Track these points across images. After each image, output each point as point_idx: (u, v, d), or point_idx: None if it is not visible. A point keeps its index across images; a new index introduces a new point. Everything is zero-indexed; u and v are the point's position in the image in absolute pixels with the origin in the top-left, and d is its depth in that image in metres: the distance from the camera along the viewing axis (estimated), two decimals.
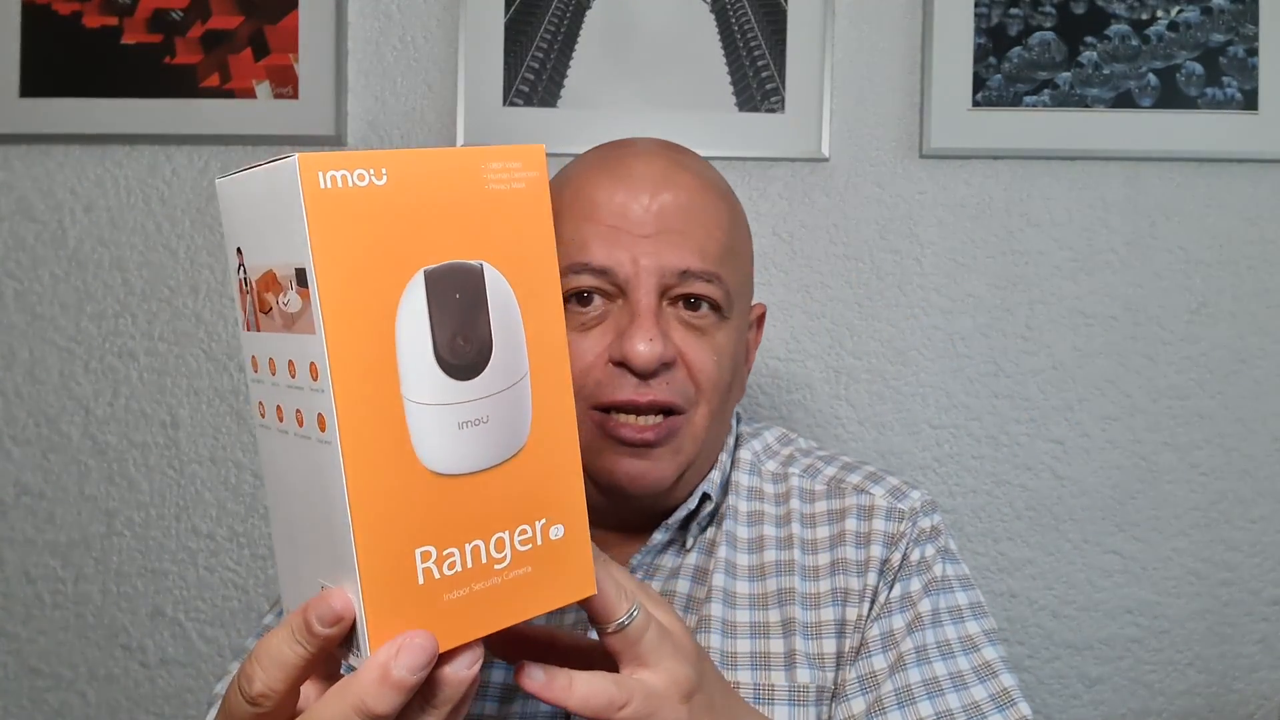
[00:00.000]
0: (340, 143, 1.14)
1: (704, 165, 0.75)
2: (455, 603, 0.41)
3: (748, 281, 0.75)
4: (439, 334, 0.40)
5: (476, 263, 0.41)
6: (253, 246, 0.41)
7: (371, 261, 0.39)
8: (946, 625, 0.69)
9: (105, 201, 1.16)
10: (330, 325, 0.38)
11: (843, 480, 0.76)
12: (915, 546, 0.71)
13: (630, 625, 0.47)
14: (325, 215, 0.38)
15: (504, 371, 0.42)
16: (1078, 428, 1.14)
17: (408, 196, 0.40)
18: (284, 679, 0.41)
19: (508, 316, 0.42)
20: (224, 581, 1.16)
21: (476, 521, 0.42)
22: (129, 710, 1.16)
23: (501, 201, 0.42)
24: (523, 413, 0.43)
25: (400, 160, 0.40)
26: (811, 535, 0.73)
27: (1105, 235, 1.13)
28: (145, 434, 1.16)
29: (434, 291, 0.40)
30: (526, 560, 0.43)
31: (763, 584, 0.71)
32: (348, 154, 0.38)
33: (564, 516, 0.45)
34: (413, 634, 0.39)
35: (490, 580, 0.42)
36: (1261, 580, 1.14)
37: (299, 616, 0.40)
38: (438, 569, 0.41)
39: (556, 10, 1.13)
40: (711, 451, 0.74)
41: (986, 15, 1.11)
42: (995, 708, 0.65)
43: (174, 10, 1.13)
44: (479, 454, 0.42)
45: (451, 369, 0.41)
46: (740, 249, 0.73)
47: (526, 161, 0.43)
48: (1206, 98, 1.11)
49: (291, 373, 0.40)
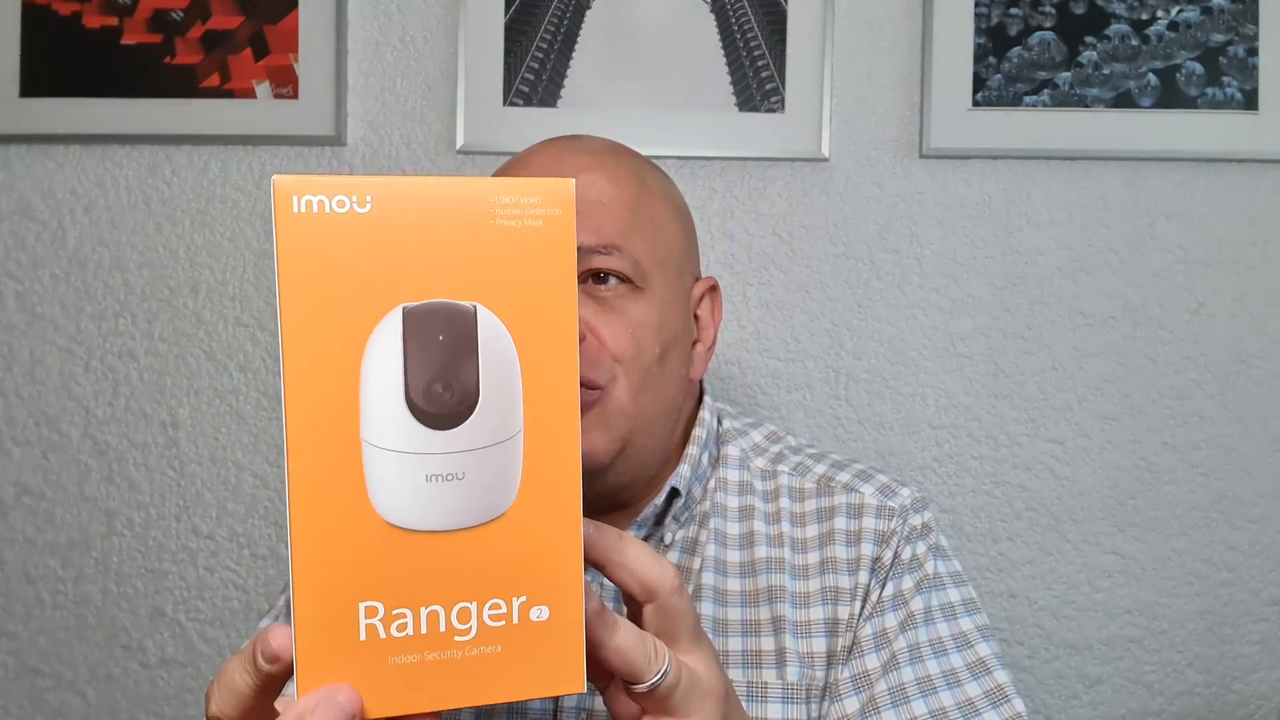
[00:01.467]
0: (340, 143, 1.14)
1: (611, 146, 0.74)
2: (402, 668, 0.38)
3: (674, 257, 0.73)
4: (413, 377, 0.38)
5: (469, 305, 0.38)
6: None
7: (344, 292, 0.37)
8: (939, 623, 0.69)
9: (105, 201, 1.16)
10: (289, 354, 0.36)
11: (832, 478, 0.75)
12: (906, 544, 0.71)
13: (662, 684, 0.44)
14: (295, 240, 0.36)
15: (490, 426, 0.39)
16: (1077, 428, 1.14)
17: (393, 227, 0.37)
18: (235, 705, 0.40)
19: (503, 366, 0.39)
20: (224, 581, 1.16)
21: (437, 585, 0.38)
22: (129, 710, 1.16)
23: (511, 239, 0.39)
24: (509, 474, 0.39)
25: (390, 188, 0.37)
26: (801, 534, 0.73)
27: (1105, 235, 1.13)
28: (145, 434, 1.17)
29: (412, 331, 0.37)
30: (496, 638, 0.39)
31: (753, 580, 0.71)
32: (333, 179, 0.37)
33: (550, 597, 0.40)
34: (336, 688, 0.37)
35: (447, 652, 0.39)
36: (1261, 581, 1.14)
37: (249, 646, 0.39)
38: (384, 628, 0.38)
39: (556, 10, 1.13)
40: (654, 430, 0.71)
41: (986, 15, 1.11)
42: (989, 704, 0.65)
43: (174, 10, 1.13)
44: (448, 512, 0.38)
45: (425, 416, 0.38)
46: (657, 222, 0.72)
47: (547, 198, 0.39)
48: (1206, 98, 1.11)
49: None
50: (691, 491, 0.74)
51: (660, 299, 0.70)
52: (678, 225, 0.75)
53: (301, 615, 0.37)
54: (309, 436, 0.37)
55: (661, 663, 0.44)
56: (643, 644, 0.44)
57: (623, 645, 0.43)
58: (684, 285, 0.74)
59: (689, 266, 0.76)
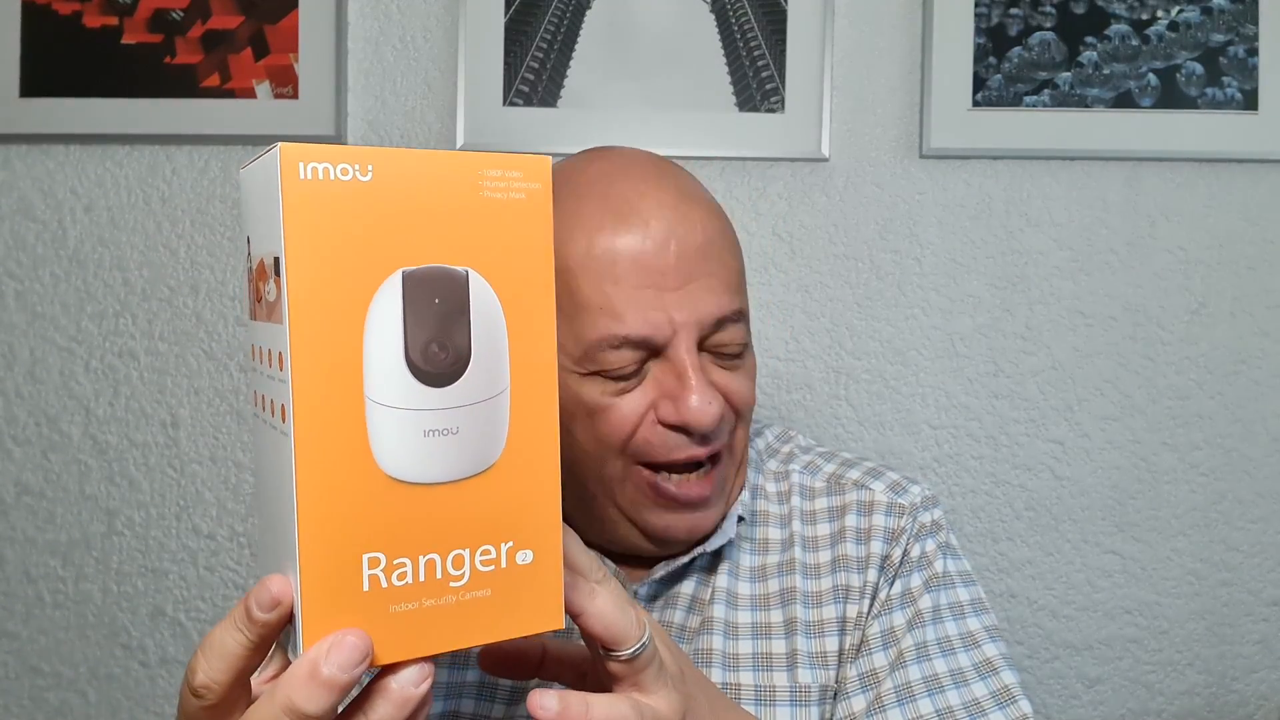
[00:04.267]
0: (340, 142, 1.14)
1: (696, 184, 0.71)
2: (402, 615, 0.40)
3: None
4: (412, 337, 0.39)
5: (461, 269, 0.40)
6: (255, 235, 0.41)
7: (347, 257, 0.38)
8: (947, 621, 0.69)
9: (105, 201, 1.16)
10: (295, 316, 0.37)
11: (843, 476, 0.75)
12: (916, 542, 0.71)
13: (642, 654, 0.46)
14: (301, 206, 0.37)
15: (481, 383, 0.41)
16: (1077, 428, 1.14)
17: (393, 196, 0.39)
18: (226, 669, 0.40)
19: (492, 328, 0.41)
20: (224, 581, 1.17)
21: (434, 535, 0.40)
22: (129, 710, 1.16)
23: (497, 211, 0.41)
24: (497, 428, 0.42)
25: (389, 159, 0.39)
26: (812, 532, 0.73)
27: (1105, 235, 1.13)
28: (145, 434, 1.17)
29: (411, 294, 0.39)
30: (486, 582, 0.42)
31: (764, 584, 0.71)
32: (336, 148, 0.38)
33: (534, 542, 0.43)
34: (345, 631, 0.38)
35: (444, 598, 0.41)
36: (1261, 581, 1.14)
37: (241, 605, 0.39)
38: (385, 578, 0.39)
39: (556, 10, 1.13)
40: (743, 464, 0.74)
41: (986, 15, 1.11)
42: (996, 705, 0.65)
43: (174, 10, 1.13)
44: (444, 465, 0.40)
45: (422, 374, 0.40)
46: (742, 268, 0.72)
47: (528, 173, 0.42)
48: (1206, 98, 1.11)
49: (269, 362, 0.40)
50: None
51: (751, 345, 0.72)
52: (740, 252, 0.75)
53: (307, 566, 0.38)
54: (316, 395, 0.38)
55: (643, 631, 0.46)
56: (624, 609, 0.46)
57: (603, 610, 0.45)
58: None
59: None
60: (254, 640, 0.39)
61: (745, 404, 0.69)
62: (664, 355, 0.65)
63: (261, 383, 0.42)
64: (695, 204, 0.68)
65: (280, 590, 0.38)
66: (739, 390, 0.68)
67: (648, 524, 0.68)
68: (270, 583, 0.38)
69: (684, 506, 0.67)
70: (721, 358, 0.67)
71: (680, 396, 0.64)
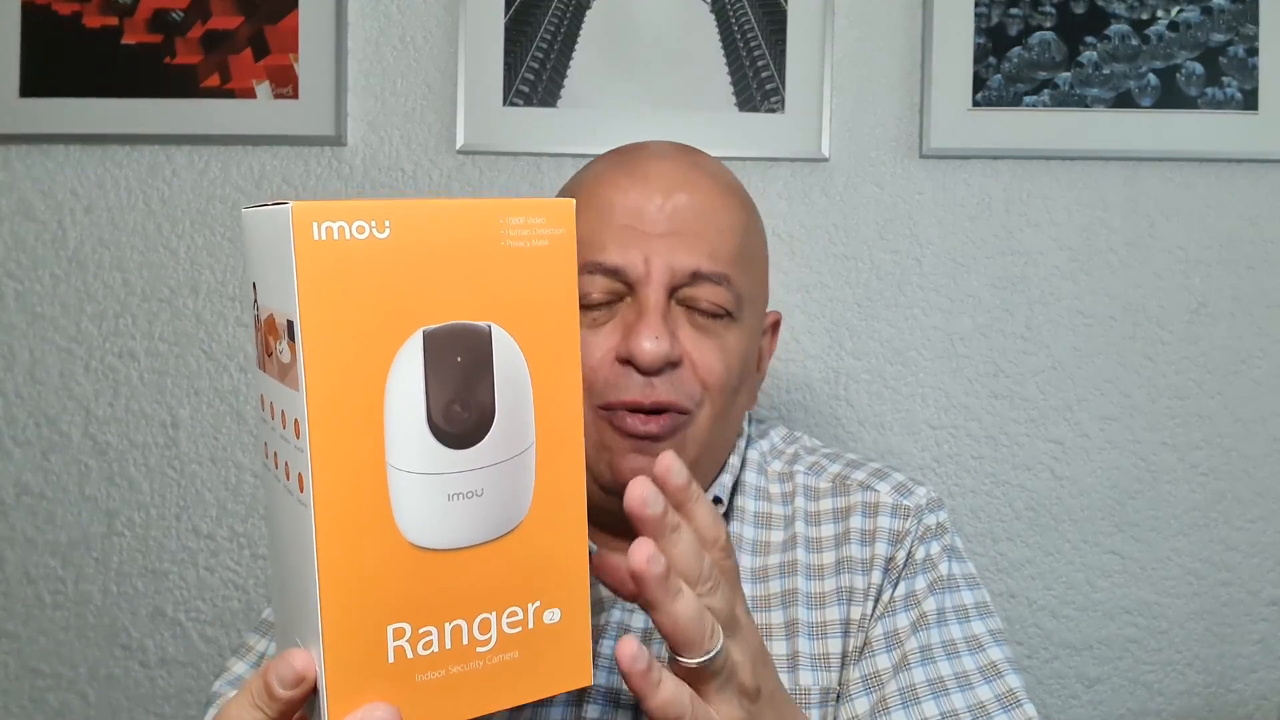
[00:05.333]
0: (340, 143, 1.14)
1: (721, 169, 0.74)
2: (429, 684, 0.39)
3: (761, 287, 0.75)
4: (434, 399, 0.38)
5: (485, 324, 0.39)
6: (263, 286, 0.39)
7: (365, 318, 0.36)
8: (952, 624, 0.68)
9: (105, 202, 1.16)
10: (312, 384, 0.36)
11: (848, 477, 0.75)
12: (920, 544, 0.71)
13: (709, 666, 0.45)
14: (316, 268, 0.36)
15: (506, 441, 0.39)
16: (1077, 428, 1.14)
17: (412, 251, 0.37)
18: None
19: (516, 383, 0.39)
20: (224, 581, 1.17)
21: (460, 600, 0.39)
22: (129, 710, 1.16)
23: (520, 260, 0.39)
24: (523, 487, 0.40)
25: (407, 212, 0.37)
26: (816, 533, 0.73)
27: (1105, 235, 1.13)
28: (145, 434, 1.17)
29: (432, 353, 0.38)
30: (514, 644, 0.40)
31: (765, 585, 0.71)
32: (351, 204, 0.36)
33: (562, 600, 0.41)
34: (373, 706, 0.37)
35: (470, 664, 0.39)
36: (1260, 581, 1.14)
37: (259, 680, 0.38)
38: (411, 648, 0.38)
39: (556, 10, 1.13)
40: (717, 455, 0.73)
41: (986, 15, 1.11)
42: (1001, 708, 0.65)
43: (174, 10, 1.13)
44: (469, 529, 0.39)
45: (445, 437, 0.38)
46: (755, 254, 0.73)
47: (551, 218, 0.40)
48: (1206, 98, 1.11)
49: (284, 424, 0.39)
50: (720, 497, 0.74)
51: (748, 330, 0.71)
52: (765, 252, 0.76)
53: (331, 641, 0.37)
54: (336, 466, 0.37)
55: (716, 641, 0.45)
56: (701, 618, 0.44)
57: (682, 613, 0.43)
58: (761, 314, 0.76)
59: (766, 295, 0.77)
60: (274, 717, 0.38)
61: (712, 377, 0.68)
62: (635, 295, 0.67)
63: (275, 441, 0.40)
64: (706, 175, 0.71)
65: (304, 666, 0.37)
66: (705, 360, 0.67)
67: (601, 466, 0.67)
68: (293, 658, 0.37)
69: (632, 440, 0.66)
70: (696, 315, 0.68)
71: (634, 330, 0.65)
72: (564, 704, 0.67)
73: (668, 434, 0.67)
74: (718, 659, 0.45)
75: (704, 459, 0.71)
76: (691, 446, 0.69)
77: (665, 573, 0.43)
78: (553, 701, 0.66)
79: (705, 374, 0.68)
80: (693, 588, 0.44)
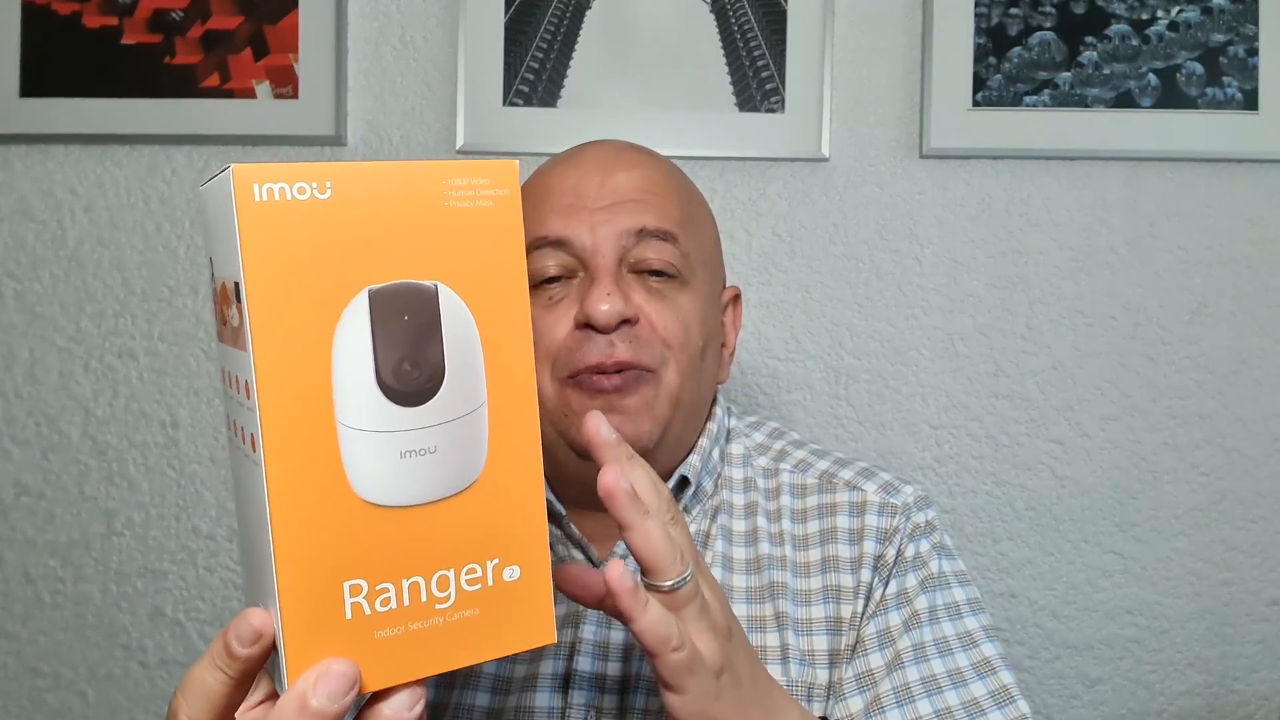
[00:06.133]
0: (340, 142, 1.14)
1: (657, 154, 0.77)
2: (388, 641, 0.39)
3: (712, 258, 0.75)
4: (382, 357, 0.38)
5: (430, 283, 0.39)
6: (216, 257, 0.40)
7: (310, 278, 0.37)
8: (944, 622, 0.69)
9: (105, 201, 1.16)
10: (259, 343, 0.36)
11: (834, 475, 0.75)
12: (910, 542, 0.71)
13: (681, 590, 0.47)
14: (258, 229, 0.36)
15: (457, 399, 0.40)
16: (1078, 428, 1.14)
17: (354, 212, 0.38)
18: (208, 709, 0.39)
19: (465, 341, 0.40)
20: (224, 581, 1.16)
21: (417, 557, 0.39)
22: (129, 710, 1.16)
23: (464, 220, 0.40)
24: (477, 444, 0.41)
25: (347, 174, 0.38)
26: (802, 531, 0.73)
27: (1105, 235, 1.13)
28: (145, 434, 1.17)
29: (379, 312, 0.38)
30: (474, 601, 0.41)
31: (758, 577, 0.71)
32: (292, 166, 0.37)
33: (521, 557, 0.42)
34: (331, 661, 0.38)
35: (430, 620, 0.40)
36: (1261, 581, 1.14)
37: (219, 641, 0.39)
38: (368, 605, 0.38)
39: (556, 10, 1.13)
40: (689, 427, 0.73)
41: (986, 15, 1.11)
42: (994, 705, 0.65)
43: (174, 10, 1.13)
44: (422, 486, 0.39)
45: (395, 394, 0.38)
46: (699, 224, 0.74)
47: (495, 179, 0.41)
48: (1206, 98, 1.11)
49: (237, 388, 0.39)
50: (703, 485, 0.74)
51: (701, 295, 0.72)
52: (713, 229, 0.78)
53: (287, 599, 0.37)
54: (285, 423, 0.37)
55: (686, 566, 0.47)
56: (669, 540, 0.46)
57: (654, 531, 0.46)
58: (716, 288, 0.76)
59: (720, 271, 0.78)
60: (235, 677, 0.39)
61: (670, 334, 0.69)
62: (588, 268, 0.68)
63: (234, 409, 0.40)
64: (640, 154, 0.73)
65: (261, 623, 0.38)
66: (661, 318, 0.69)
67: (571, 431, 0.68)
68: (250, 616, 0.38)
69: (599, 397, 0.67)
70: (647, 278, 0.69)
71: (588, 294, 0.67)
72: (549, 690, 0.67)
73: (632, 388, 0.67)
74: (689, 583, 0.47)
75: (676, 423, 0.70)
76: (663, 405, 0.69)
77: (633, 491, 0.45)
78: (538, 688, 0.67)
79: (664, 332, 0.69)
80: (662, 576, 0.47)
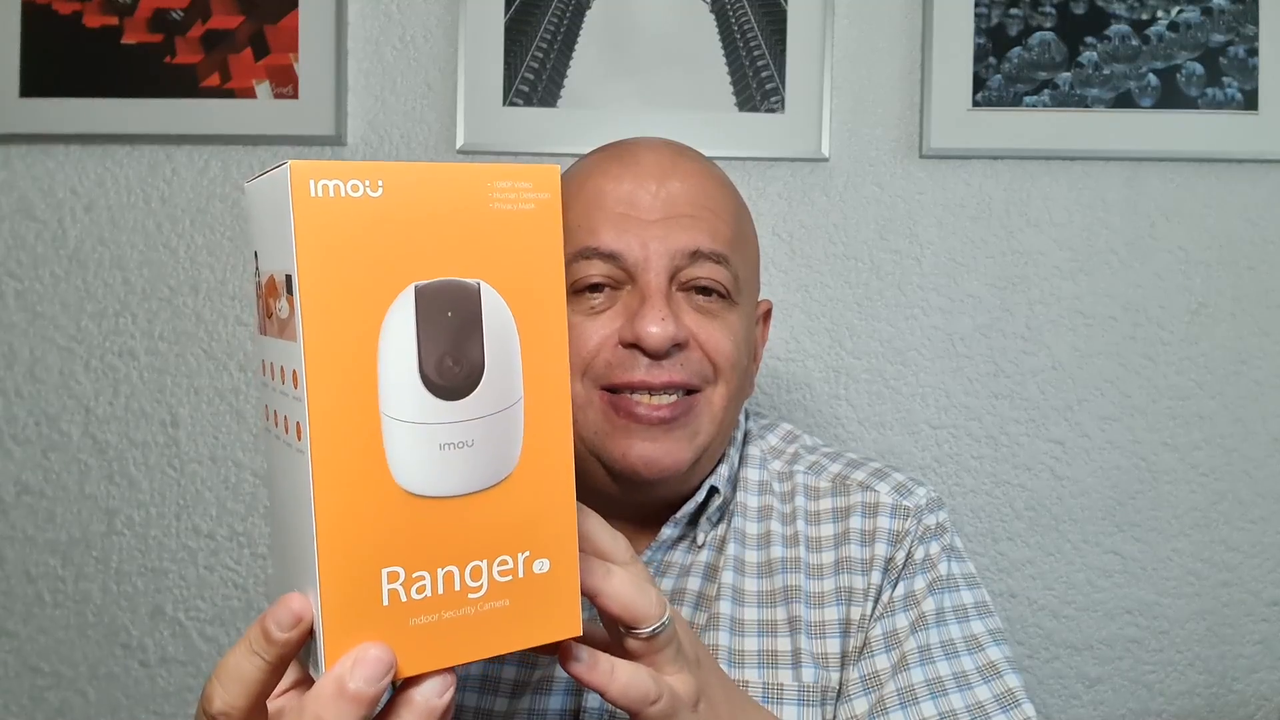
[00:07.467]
0: (340, 142, 1.14)
1: (709, 161, 0.75)
2: (423, 628, 0.40)
3: (755, 275, 0.76)
4: (426, 351, 0.40)
5: (474, 282, 0.40)
6: (264, 251, 0.41)
7: (360, 273, 0.38)
8: (951, 624, 0.68)
9: (105, 201, 1.16)
10: (309, 333, 0.37)
11: (848, 477, 0.75)
12: (920, 544, 0.71)
13: (662, 634, 0.47)
14: (313, 223, 0.37)
15: (495, 395, 0.41)
16: (1077, 428, 1.14)
17: (404, 210, 0.39)
18: (244, 694, 0.40)
19: (504, 339, 0.41)
20: (224, 581, 1.17)
21: (452, 547, 0.41)
22: (129, 709, 1.16)
23: (507, 222, 0.41)
24: (512, 439, 0.42)
25: (399, 173, 0.39)
26: (816, 533, 0.73)
27: (1105, 235, 1.13)
28: (145, 433, 1.17)
29: (424, 308, 0.39)
30: (505, 592, 0.42)
31: (770, 580, 0.71)
32: (346, 164, 0.38)
33: (551, 551, 0.43)
34: (368, 645, 0.38)
35: (462, 609, 0.41)
36: (1261, 581, 1.14)
37: (257, 628, 0.39)
38: (405, 591, 0.40)
39: (556, 10, 1.13)
40: (722, 441, 0.73)
41: (986, 15, 1.11)
42: (1000, 708, 0.65)
43: (174, 10, 1.13)
44: (460, 477, 0.41)
45: (437, 388, 0.40)
46: (748, 240, 0.74)
47: (538, 183, 0.42)
48: (1206, 98, 1.11)
49: (283, 379, 0.40)
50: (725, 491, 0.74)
51: (747, 313, 0.72)
52: (756, 241, 0.77)
53: (327, 584, 0.38)
54: (331, 412, 0.38)
55: (664, 608, 0.47)
56: (641, 588, 0.46)
57: (619, 590, 0.45)
58: (755, 305, 0.76)
59: (759, 287, 0.78)
60: (272, 662, 0.39)
61: (720, 356, 0.68)
62: (636, 283, 0.67)
63: (274, 399, 0.41)
64: (695, 164, 0.72)
65: (301, 608, 0.38)
66: (711, 339, 0.68)
67: (607, 453, 0.67)
68: (290, 600, 0.38)
69: (642, 427, 0.66)
70: (697, 295, 0.68)
71: (639, 314, 0.65)
72: (564, 693, 0.67)
73: (679, 418, 0.67)
74: (670, 625, 0.47)
75: (715, 442, 0.71)
76: (707, 427, 0.69)
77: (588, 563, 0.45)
78: (551, 690, 0.67)
79: (714, 353, 0.68)
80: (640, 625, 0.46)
